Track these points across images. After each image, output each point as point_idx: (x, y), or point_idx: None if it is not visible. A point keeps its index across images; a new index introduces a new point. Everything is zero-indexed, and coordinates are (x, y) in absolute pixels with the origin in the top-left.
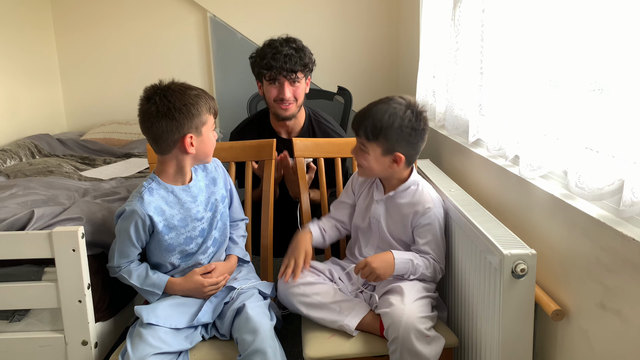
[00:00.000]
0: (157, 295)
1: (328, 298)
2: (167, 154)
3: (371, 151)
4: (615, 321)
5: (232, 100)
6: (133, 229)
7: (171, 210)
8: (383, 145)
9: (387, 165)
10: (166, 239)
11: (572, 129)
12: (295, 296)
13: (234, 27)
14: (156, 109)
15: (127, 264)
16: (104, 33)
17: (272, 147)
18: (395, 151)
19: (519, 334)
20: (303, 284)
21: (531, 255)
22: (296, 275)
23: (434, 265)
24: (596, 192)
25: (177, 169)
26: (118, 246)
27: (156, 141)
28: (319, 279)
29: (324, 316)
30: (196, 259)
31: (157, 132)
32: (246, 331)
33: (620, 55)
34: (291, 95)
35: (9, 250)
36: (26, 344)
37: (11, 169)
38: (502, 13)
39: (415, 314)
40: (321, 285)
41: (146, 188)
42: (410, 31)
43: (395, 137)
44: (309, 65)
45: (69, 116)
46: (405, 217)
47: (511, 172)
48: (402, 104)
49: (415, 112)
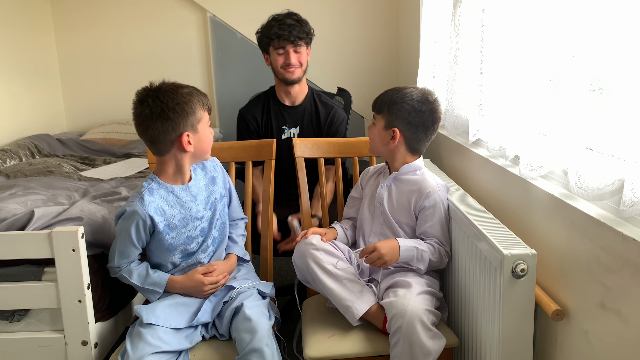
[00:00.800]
0: (159, 294)
1: (345, 274)
2: (166, 154)
3: (377, 123)
4: (615, 321)
5: (232, 100)
6: (134, 229)
7: (172, 210)
8: (386, 119)
9: (387, 141)
10: (167, 239)
11: (572, 129)
12: (313, 257)
13: (234, 27)
14: (150, 111)
15: (127, 264)
16: (104, 33)
17: (272, 147)
18: (394, 126)
19: (519, 334)
20: (324, 251)
21: (531, 255)
22: (309, 233)
23: (439, 249)
24: (596, 192)
25: (177, 169)
26: (118, 247)
27: (154, 143)
28: (339, 254)
29: (337, 289)
30: (196, 257)
31: (153, 134)
32: (244, 330)
33: (620, 55)
34: (296, 61)
35: (9, 250)
36: (26, 344)
37: (11, 169)
38: (502, 13)
39: (421, 305)
40: (341, 261)
41: (146, 188)
42: (410, 31)
43: (396, 113)
44: (310, 35)
45: (69, 116)
46: (408, 201)
47: (511, 172)
48: (418, 89)
49: (425, 98)
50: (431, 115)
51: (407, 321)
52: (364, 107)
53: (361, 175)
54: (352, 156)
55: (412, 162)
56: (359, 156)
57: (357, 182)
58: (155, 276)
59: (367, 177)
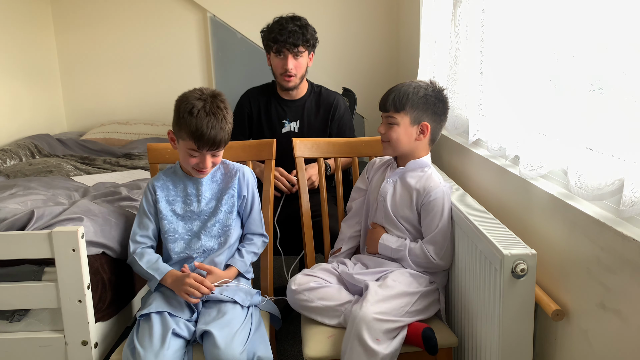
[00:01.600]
0: (156, 281)
1: (332, 301)
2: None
3: (401, 121)
4: (615, 321)
5: (232, 100)
6: (144, 200)
7: (175, 196)
8: (411, 114)
9: (415, 137)
10: (164, 215)
11: (572, 128)
12: (301, 302)
13: (234, 27)
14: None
15: (144, 239)
16: (104, 33)
17: (272, 147)
18: (423, 120)
19: (519, 334)
20: (307, 290)
21: (531, 255)
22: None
23: (425, 252)
24: (596, 192)
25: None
26: (137, 219)
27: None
28: (322, 282)
29: (327, 321)
30: (189, 251)
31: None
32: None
33: (620, 55)
34: (293, 68)
35: (9, 250)
36: (26, 344)
37: (11, 169)
38: (502, 13)
39: (370, 313)
40: (325, 289)
41: (165, 170)
42: (410, 31)
43: (422, 106)
44: (310, 41)
45: (69, 116)
46: (411, 196)
47: (511, 172)
48: (423, 82)
49: (437, 87)
50: (447, 102)
51: (355, 328)
52: (364, 107)
53: (367, 167)
54: (352, 156)
55: (423, 156)
56: (359, 156)
57: (363, 172)
58: (159, 264)
59: (374, 169)
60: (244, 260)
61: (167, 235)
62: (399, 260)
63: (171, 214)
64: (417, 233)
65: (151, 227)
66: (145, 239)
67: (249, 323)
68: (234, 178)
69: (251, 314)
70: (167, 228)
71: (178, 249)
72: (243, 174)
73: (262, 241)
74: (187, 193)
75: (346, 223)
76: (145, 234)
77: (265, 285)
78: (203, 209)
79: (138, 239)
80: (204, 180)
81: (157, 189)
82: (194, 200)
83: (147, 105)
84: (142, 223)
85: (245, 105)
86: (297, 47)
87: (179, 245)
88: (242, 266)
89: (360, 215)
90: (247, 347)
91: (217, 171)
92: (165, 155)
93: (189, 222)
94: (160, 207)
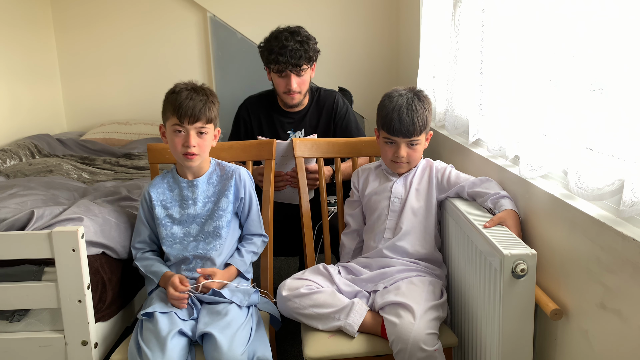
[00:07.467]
0: (154, 284)
1: (325, 306)
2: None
3: (421, 140)
4: (615, 321)
5: (232, 100)
6: (141, 207)
7: (172, 200)
8: (426, 130)
9: (425, 146)
10: (161, 221)
11: (572, 129)
12: (293, 309)
13: (234, 27)
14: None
15: (142, 245)
16: (104, 33)
17: (272, 147)
18: (429, 129)
19: (518, 333)
20: (297, 297)
21: (531, 255)
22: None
23: (495, 185)
24: (596, 192)
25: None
26: (135, 226)
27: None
28: (313, 287)
29: (322, 326)
30: (185, 253)
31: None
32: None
33: (620, 55)
34: (297, 86)
35: (9, 250)
36: (26, 344)
37: (11, 169)
38: (502, 13)
39: (423, 330)
40: (317, 295)
41: (162, 174)
42: (410, 31)
43: (429, 119)
44: (313, 57)
45: (69, 116)
46: (426, 184)
47: (511, 172)
48: (405, 89)
49: (420, 94)
50: (428, 99)
51: (410, 348)
52: (364, 107)
53: (352, 179)
54: (351, 156)
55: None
56: (359, 156)
57: (352, 186)
58: (156, 268)
59: (362, 178)
60: (244, 259)
61: (164, 240)
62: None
63: (168, 220)
64: (433, 218)
65: (147, 233)
66: (143, 245)
67: (249, 324)
68: (230, 180)
69: (251, 315)
70: (164, 233)
71: (175, 252)
72: (239, 175)
73: (261, 241)
74: (182, 197)
75: (347, 237)
76: (142, 240)
77: (265, 286)
78: (200, 211)
79: (137, 245)
80: (200, 182)
81: (153, 195)
82: (190, 204)
83: (147, 105)
84: (137, 230)
85: (244, 117)
86: (300, 66)
87: (176, 249)
88: (242, 265)
89: (361, 227)
90: (248, 348)
91: (213, 173)
92: (165, 155)
93: (186, 225)
94: (156, 213)
